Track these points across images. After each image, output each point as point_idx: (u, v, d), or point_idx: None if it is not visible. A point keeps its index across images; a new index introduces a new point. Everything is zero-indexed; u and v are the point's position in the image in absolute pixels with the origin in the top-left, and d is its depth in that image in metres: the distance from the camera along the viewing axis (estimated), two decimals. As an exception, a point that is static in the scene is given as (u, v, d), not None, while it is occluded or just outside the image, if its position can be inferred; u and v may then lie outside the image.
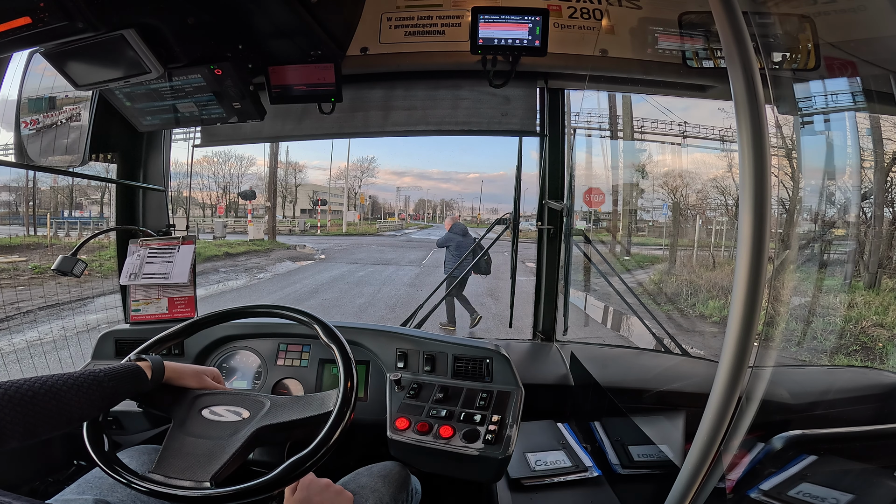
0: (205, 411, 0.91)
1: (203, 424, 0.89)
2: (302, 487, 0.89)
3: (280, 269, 11.85)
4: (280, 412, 0.90)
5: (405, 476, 1.02)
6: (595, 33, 1.48)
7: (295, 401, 0.93)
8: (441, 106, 1.72)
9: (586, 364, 1.49)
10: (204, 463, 0.81)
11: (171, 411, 0.92)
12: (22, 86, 1.33)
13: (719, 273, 7.87)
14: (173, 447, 0.86)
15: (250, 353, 1.34)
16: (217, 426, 0.88)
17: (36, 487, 1.23)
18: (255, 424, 0.87)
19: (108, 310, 4.35)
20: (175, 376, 0.93)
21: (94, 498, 0.86)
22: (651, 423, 1.16)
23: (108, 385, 0.80)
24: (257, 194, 23.06)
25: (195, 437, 0.86)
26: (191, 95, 1.30)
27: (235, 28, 1.22)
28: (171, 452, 0.85)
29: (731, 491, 0.79)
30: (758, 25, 1.29)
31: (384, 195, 40.31)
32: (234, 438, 0.85)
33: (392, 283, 9.79)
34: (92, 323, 5.06)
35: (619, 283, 1.94)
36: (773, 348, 0.91)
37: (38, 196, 12.94)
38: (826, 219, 1.94)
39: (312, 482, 0.91)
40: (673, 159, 12.52)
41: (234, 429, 0.87)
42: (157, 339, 1.01)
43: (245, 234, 17.76)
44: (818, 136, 1.44)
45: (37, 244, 10.41)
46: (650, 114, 9.35)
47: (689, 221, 12.33)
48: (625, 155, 10.81)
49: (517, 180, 1.81)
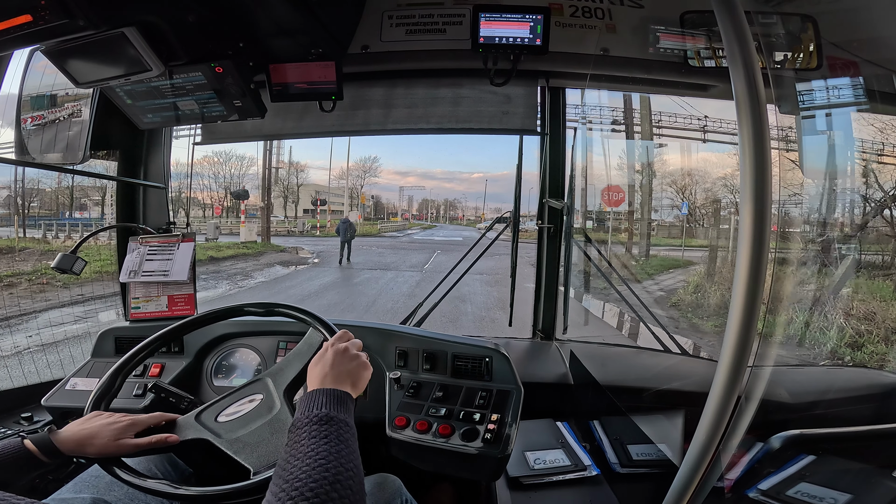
0: (221, 417, 0.89)
1: (232, 427, 0.86)
2: (324, 351, 0.84)
3: (266, 276, 10.71)
4: (282, 374, 0.92)
5: (398, 486, 1.03)
6: (596, 32, 1.47)
7: (287, 361, 0.95)
8: (442, 104, 1.72)
9: (586, 363, 1.49)
10: (273, 447, 0.81)
11: (186, 433, 0.88)
12: (23, 84, 1.33)
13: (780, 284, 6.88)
14: (221, 457, 0.83)
15: (250, 351, 1.34)
16: (247, 417, 0.87)
17: (35, 485, 1.23)
18: (278, 391, 0.89)
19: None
20: (76, 446, 0.80)
21: (92, 496, 0.86)
22: (650, 423, 1.17)
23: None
24: (254, 194, 22.67)
25: (237, 434, 0.85)
26: (191, 93, 1.29)
27: (236, 26, 1.22)
28: (240, 451, 0.82)
29: (729, 490, 0.79)
30: (760, 24, 1.29)
31: (388, 195, 40.19)
32: (271, 411, 0.87)
33: (388, 294, 8.79)
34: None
35: (620, 283, 1.94)
36: (772, 347, 0.91)
37: (36, 196, 12.57)
38: (826, 219, 1.94)
39: (335, 345, 0.85)
40: (693, 155, 12.17)
41: (257, 413, 0.87)
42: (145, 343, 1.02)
43: (240, 236, 16.75)
44: (820, 135, 1.44)
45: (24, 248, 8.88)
46: (667, 107, 9.07)
47: (716, 221, 11.75)
48: (641, 151, 10.45)
49: (517, 179, 1.81)
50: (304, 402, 0.72)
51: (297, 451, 0.62)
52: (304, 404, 0.71)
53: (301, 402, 0.73)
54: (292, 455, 0.61)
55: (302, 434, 0.65)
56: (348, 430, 0.68)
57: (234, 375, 1.33)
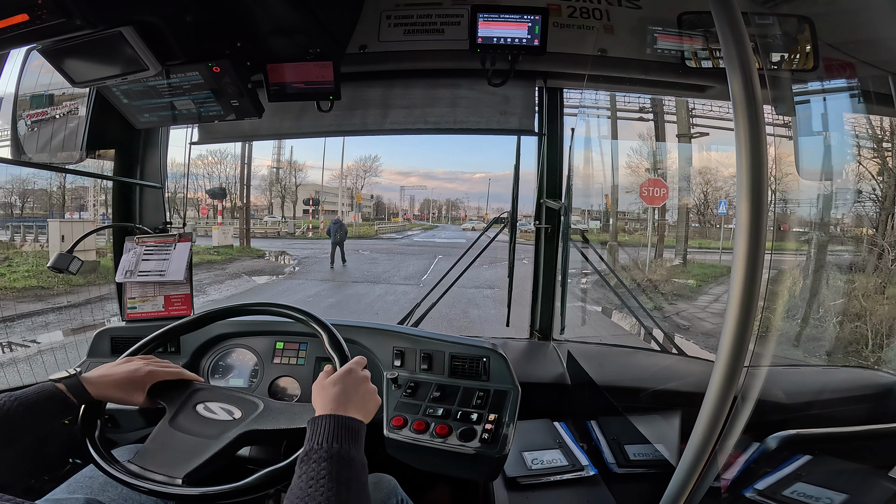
0: (199, 406, 0.92)
1: (194, 420, 0.90)
2: (342, 374, 0.83)
3: (220, 293, 8.78)
4: (271, 418, 0.89)
5: (393, 485, 1.03)
6: (594, 33, 1.48)
7: (288, 408, 0.92)
8: (440, 104, 1.72)
9: (583, 363, 1.49)
10: (183, 460, 0.82)
11: (169, 400, 0.93)
12: (19, 83, 1.32)
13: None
14: (160, 439, 0.87)
15: (246, 352, 1.33)
16: (207, 423, 0.89)
17: (31, 486, 1.23)
18: (243, 427, 0.87)
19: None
20: (99, 391, 0.86)
21: (86, 497, 0.85)
22: (647, 423, 1.17)
23: (19, 412, 0.75)
24: (253, 194, 22.03)
25: (183, 432, 0.88)
26: (189, 93, 1.29)
27: (234, 25, 1.22)
28: (157, 444, 0.86)
29: (726, 490, 0.80)
30: (757, 25, 1.30)
31: (390, 195, 39.91)
32: (220, 438, 0.86)
33: (371, 319, 6.70)
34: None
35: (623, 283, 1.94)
36: (769, 346, 0.91)
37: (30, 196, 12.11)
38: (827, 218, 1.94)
39: (353, 370, 0.85)
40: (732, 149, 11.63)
41: (223, 428, 0.88)
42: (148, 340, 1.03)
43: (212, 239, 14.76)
44: (816, 136, 1.45)
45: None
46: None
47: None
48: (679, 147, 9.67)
49: (515, 179, 1.81)
50: (321, 429, 0.70)
51: (316, 492, 0.61)
52: (322, 432, 0.69)
53: (317, 426, 0.71)
54: (311, 497, 0.60)
55: (321, 471, 0.63)
56: (364, 470, 0.68)
57: (230, 375, 1.32)
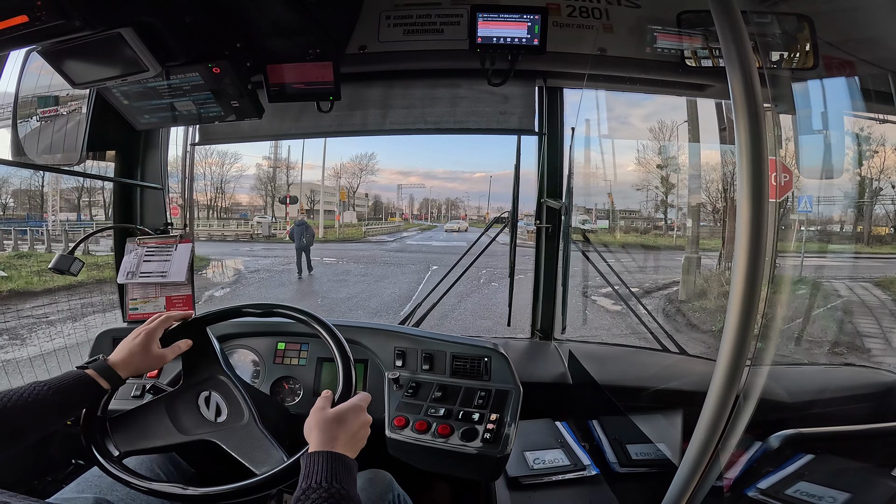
0: (203, 395, 0.95)
1: (184, 407, 0.94)
2: (349, 410, 0.82)
3: (88, 332, 4.90)
4: (236, 437, 0.89)
5: (389, 480, 1.03)
6: (594, 32, 1.48)
7: (258, 439, 0.88)
8: (439, 104, 1.72)
9: (584, 362, 1.49)
10: (143, 437, 0.88)
11: (190, 371, 0.99)
12: (19, 84, 1.32)
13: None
14: (147, 411, 0.93)
15: (248, 352, 1.33)
16: (191, 415, 0.93)
17: (34, 486, 1.23)
18: (209, 434, 0.90)
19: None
20: (128, 370, 0.91)
21: (95, 496, 0.86)
22: (649, 422, 1.17)
23: (53, 399, 0.77)
24: (252, 194, 21.32)
25: (168, 413, 0.92)
26: (189, 94, 1.29)
27: (233, 26, 1.22)
28: (140, 414, 0.92)
29: (728, 489, 0.80)
30: (756, 24, 1.29)
31: (388, 195, 39.71)
32: (188, 433, 0.90)
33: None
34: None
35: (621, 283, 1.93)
36: (770, 345, 0.91)
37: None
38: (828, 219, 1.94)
39: (361, 409, 0.84)
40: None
41: (196, 424, 0.92)
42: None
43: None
44: (816, 135, 1.44)
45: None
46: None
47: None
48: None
49: (515, 179, 1.81)
50: (320, 467, 0.69)
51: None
52: (320, 470, 0.69)
53: (314, 463, 0.71)
54: None
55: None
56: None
57: (232, 377, 1.32)
